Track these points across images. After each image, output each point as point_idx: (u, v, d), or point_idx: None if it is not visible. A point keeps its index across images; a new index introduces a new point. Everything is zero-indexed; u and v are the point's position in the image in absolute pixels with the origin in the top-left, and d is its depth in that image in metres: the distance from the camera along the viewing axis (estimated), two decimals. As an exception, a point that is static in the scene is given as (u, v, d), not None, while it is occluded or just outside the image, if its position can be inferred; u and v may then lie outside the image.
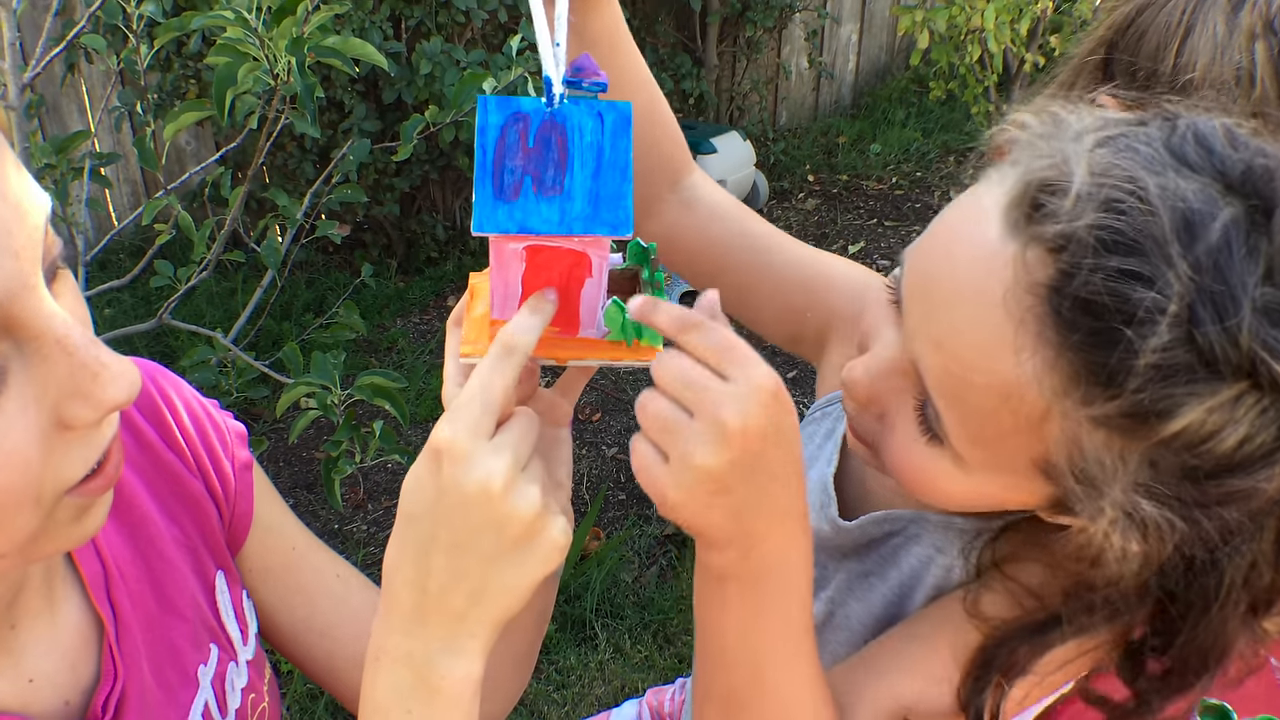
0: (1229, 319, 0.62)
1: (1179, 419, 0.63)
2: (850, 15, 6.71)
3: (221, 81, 1.81)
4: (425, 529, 0.70)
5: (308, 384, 1.99)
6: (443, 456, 0.69)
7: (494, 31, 4.39)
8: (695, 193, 1.09)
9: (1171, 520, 0.67)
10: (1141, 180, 0.66)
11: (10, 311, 0.58)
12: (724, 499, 0.71)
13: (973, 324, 0.70)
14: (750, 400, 0.69)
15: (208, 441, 0.95)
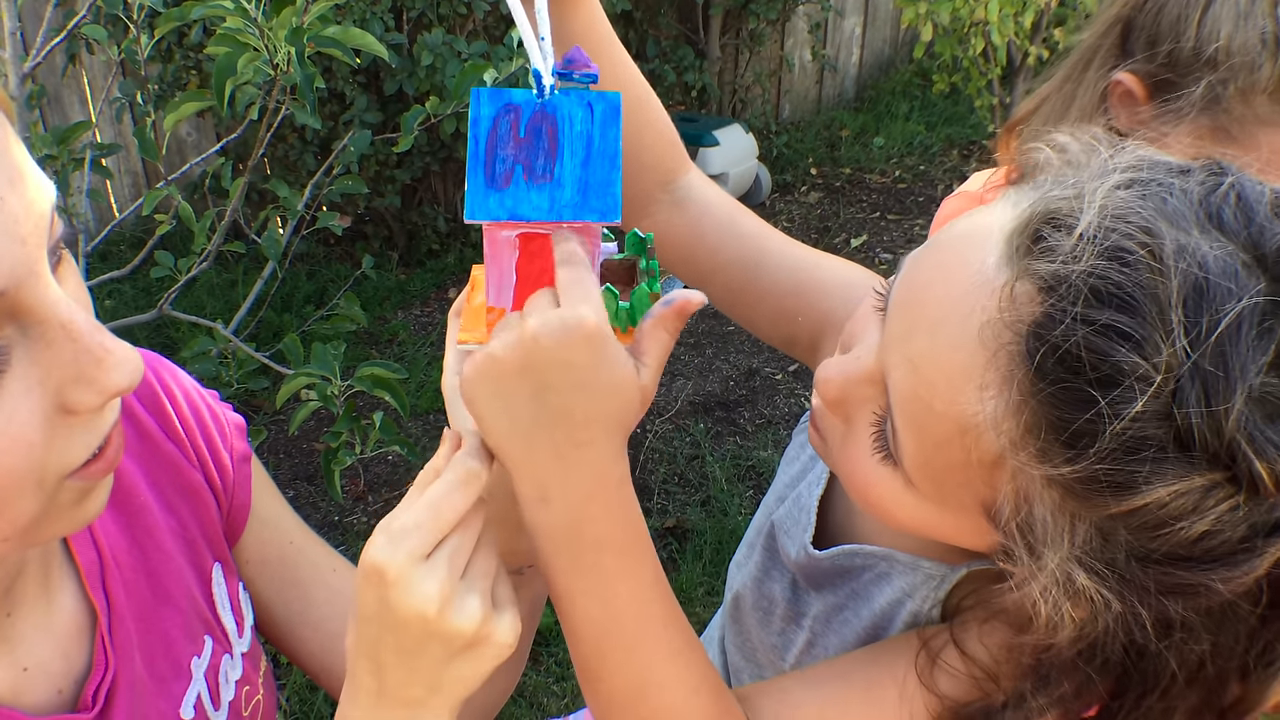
0: (1217, 403, 0.58)
1: (1139, 496, 0.60)
2: (854, 8, 6.70)
3: (221, 72, 1.81)
4: (374, 633, 0.71)
5: (308, 375, 1.98)
6: (381, 577, 0.69)
7: (496, 23, 4.38)
8: (689, 193, 1.08)
9: (1108, 599, 0.64)
10: (1158, 232, 0.61)
11: (16, 297, 0.58)
12: (502, 399, 0.70)
13: (947, 348, 0.67)
14: (556, 323, 0.68)
15: (207, 433, 0.95)
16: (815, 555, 0.99)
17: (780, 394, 4.06)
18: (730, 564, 1.17)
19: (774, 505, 1.09)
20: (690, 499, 3.47)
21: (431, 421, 3.85)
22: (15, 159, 0.59)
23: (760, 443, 3.74)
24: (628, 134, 0.91)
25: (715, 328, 4.52)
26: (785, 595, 1.06)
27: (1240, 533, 0.60)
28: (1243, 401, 0.58)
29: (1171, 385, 0.59)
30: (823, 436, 0.84)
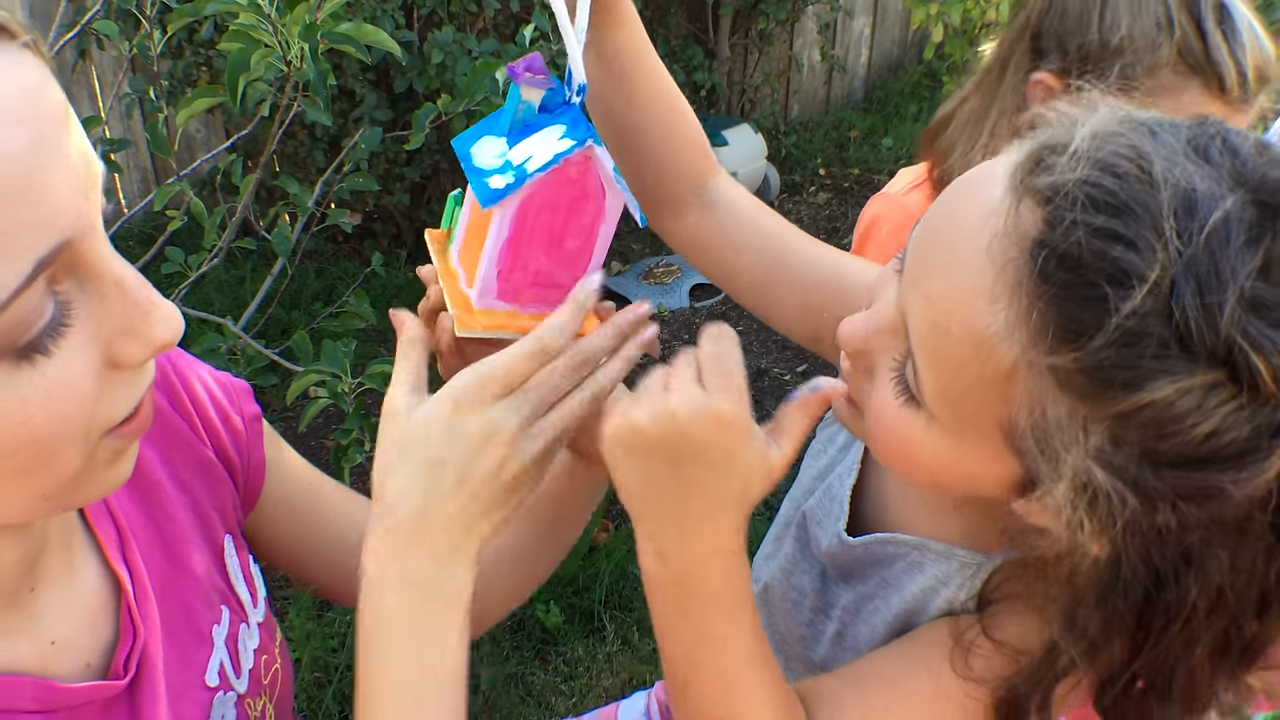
0: (1211, 301, 0.61)
1: (1144, 393, 0.62)
2: (863, 8, 6.69)
3: (235, 68, 1.81)
4: (439, 455, 0.78)
5: (318, 372, 1.99)
6: (473, 408, 0.78)
7: (506, 21, 4.38)
8: (716, 195, 1.12)
9: (1125, 501, 0.65)
10: (1147, 154, 0.66)
11: (78, 250, 0.62)
12: (639, 464, 0.77)
13: (960, 271, 0.71)
14: (700, 409, 0.74)
15: (218, 404, 0.97)
16: (849, 542, 1.01)
17: (788, 394, 4.05)
18: (756, 556, 1.19)
19: (801, 498, 1.11)
20: (698, 499, 3.47)
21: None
22: (74, 122, 0.63)
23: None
24: (661, 141, 1.05)
25: (723, 328, 4.52)
26: (814, 586, 1.08)
27: (1245, 433, 0.62)
28: (1235, 300, 0.61)
29: (1167, 284, 0.62)
30: (853, 400, 0.86)
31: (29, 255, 0.58)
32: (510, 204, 0.83)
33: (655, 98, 1.06)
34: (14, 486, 0.65)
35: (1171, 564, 0.69)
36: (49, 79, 0.63)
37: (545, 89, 0.85)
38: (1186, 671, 0.73)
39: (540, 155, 0.82)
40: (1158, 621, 0.72)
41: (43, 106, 0.60)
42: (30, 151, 0.58)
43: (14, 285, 0.58)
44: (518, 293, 0.88)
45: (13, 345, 0.59)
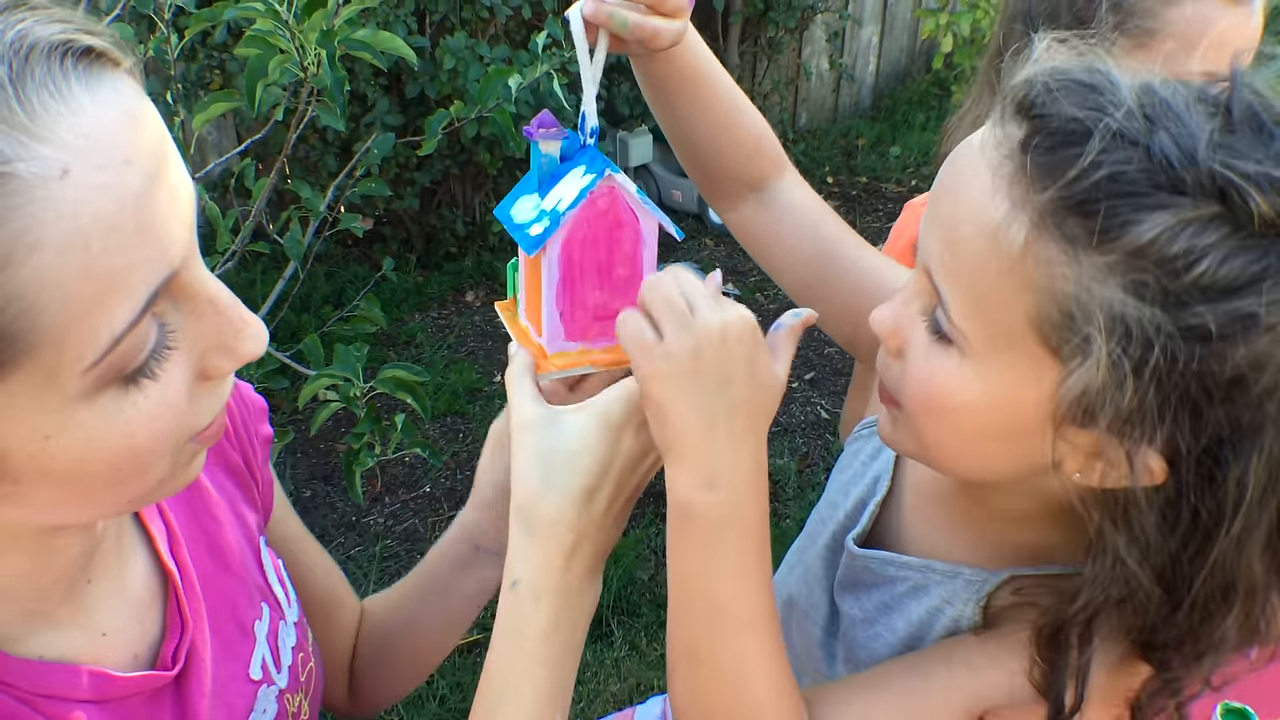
0: (1185, 144, 0.67)
1: (1143, 228, 0.66)
2: (872, 17, 6.70)
3: (253, 73, 1.82)
4: (594, 483, 0.83)
5: (330, 376, 1.99)
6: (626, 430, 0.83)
7: (518, 28, 4.39)
8: (775, 195, 1.16)
9: (1160, 332, 0.67)
10: (1105, 66, 0.74)
11: (181, 276, 0.63)
12: (691, 391, 0.79)
13: (963, 188, 0.76)
14: (740, 322, 0.80)
15: (243, 415, 1.00)
16: (853, 551, 1.02)
17: (796, 402, 4.06)
18: (779, 569, 1.20)
19: (826, 511, 1.11)
20: (705, 505, 3.47)
21: (449, 424, 3.85)
22: (173, 148, 0.64)
23: (776, 450, 3.74)
24: (711, 150, 1.12)
25: (731, 335, 4.52)
26: (828, 603, 1.07)
27: (1255, 257, 0.66)
28: (1206, 142, 0.67)
29: (1144, 133, 0.68)
30: (886, 390, 0.88)
31: (142, 291, 0.60)
32: (553, 246, 0.88)
33: (705, 115, 1.11)
34: (106, 495, 0.67)
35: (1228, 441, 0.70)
36: (150, 107, 0.63)
37: (561, 140, 0.91)
38: (1244, 571, 0.73)
39: (568, 195, 0.88)
40: (1210, 521, 0.72)
41: (147, 140, 0.61)
42: (140, 190, 0.59)
43: (128, 321, 0.59)
44: (584, 331, 0.94)
45: (121, 373, 0.61)
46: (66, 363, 0.58)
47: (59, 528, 0.73)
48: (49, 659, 0.75)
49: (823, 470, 3.66)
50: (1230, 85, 0.71)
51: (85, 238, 0.56)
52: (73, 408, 0.60)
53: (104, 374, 0.60)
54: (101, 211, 0.57)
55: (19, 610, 0.74)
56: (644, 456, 0.85)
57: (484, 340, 4.38)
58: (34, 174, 0.54)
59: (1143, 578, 0.74)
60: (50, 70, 0.57)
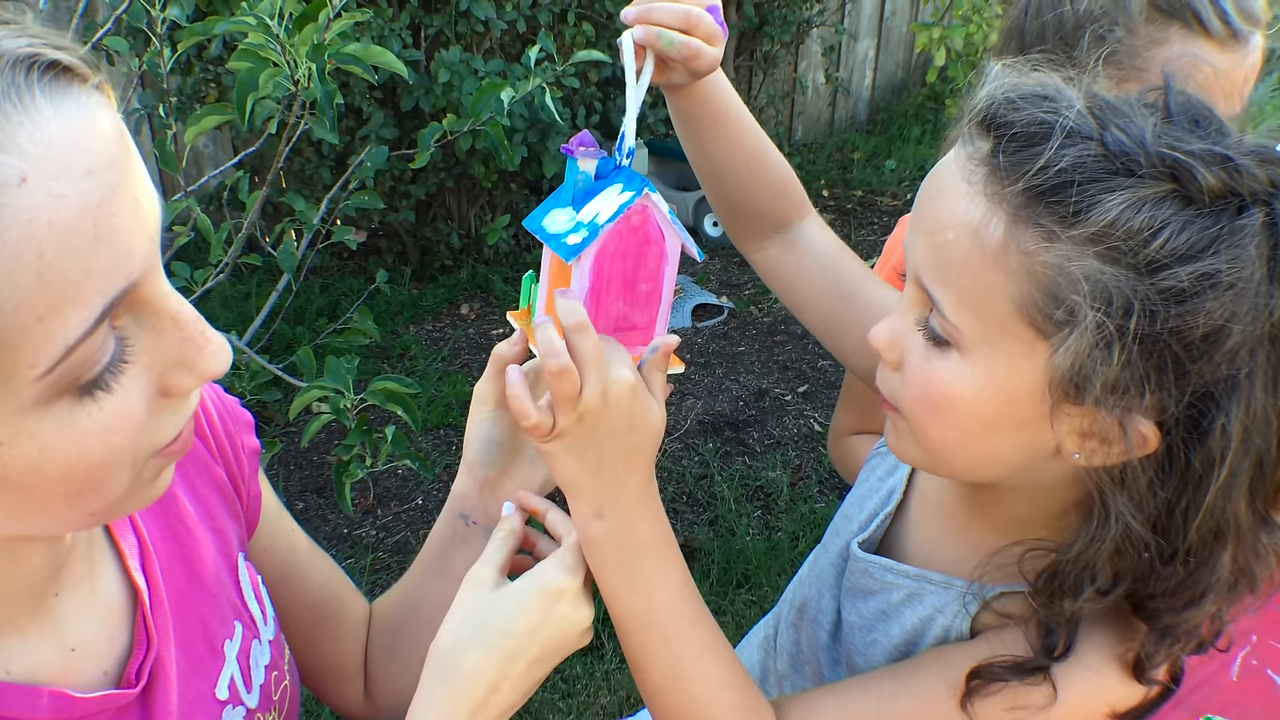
0: (1132, 129, 0.75)
1: (1106, 207, 0.73)
2: (867, 31, 6.72)
3: (243, 87, 1.83)
4: (522, 645, 0.88)
5: (321, 388, 1.99)
6: (562, 596, 0.90)
7: (512, 41, 4.41)
8: (799, 236, 1.23)
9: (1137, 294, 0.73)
10: (1054, 80, 0.82)
11: (141, 289, 0.64)
12: (575, 453, 0.89)
13: (943, 198, 0.83)
14: (617, 388, 0.87)
15: (227, 428, 1.00)
16: (855, 555, 1.06)
17: (789, 415, 4.07)
18: (794, 579, 1.28)
19: (840, 523, 1.14)
20: (698, 518, 3.48)
21: (442, 436, 3.86)
22: (139, 163, 0.65)
23: (769, 463, 3.74)
24: (738, 186, 1.20)
25: (725, 348, 4.53)
26: (834, 611, 1.11)
27: (1209, 225, 0.73)
28: (1152, 132, 0.75)
29: (1095, 127, 0.76)
30: (891, 400, 0.92)
31: (97, 301, 0.60)
32: (587, 257, 0.92)
33: (735, 154, 1.17)
34: (65, 507, 0.67)
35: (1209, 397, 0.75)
36: (117, 122, 0.64)
37: (598, 158, 0.96)
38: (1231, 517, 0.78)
39: (606, 210, 0.93)
40: (1201, 472, 0.77)
41: (112, 153, 0.62)
42: (100, 201, 0.60)
43: (82, 330, 0.59)
44: None
45: (75, 383, 0.61)
46: (20, 369, 0.58)
47: (22, 538, 0.73)
48: (14, 674, 0.75)
49: (815, 483, 3.66)
50: (1165, 89, 0.80)
51: (40, 245, 0.56)
52: (26, 415, 0.60)
53: (58, 382, 0.60)
54: (58, 220, 0.57)
55: None
56: (575, 626, 0.91)
57: (478, 353, 4.39)
58: None
59: (1138, 528, 0.80)
60: (14, 81, 0.58)
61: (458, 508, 1.08)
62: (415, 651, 1.09)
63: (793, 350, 4.50)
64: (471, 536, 1.08)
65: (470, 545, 1.07)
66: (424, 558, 1.12)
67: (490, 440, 1.05)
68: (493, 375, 1.03)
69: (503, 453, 1.06)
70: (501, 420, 1.05)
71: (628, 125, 0.97)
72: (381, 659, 1.16)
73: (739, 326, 4.70)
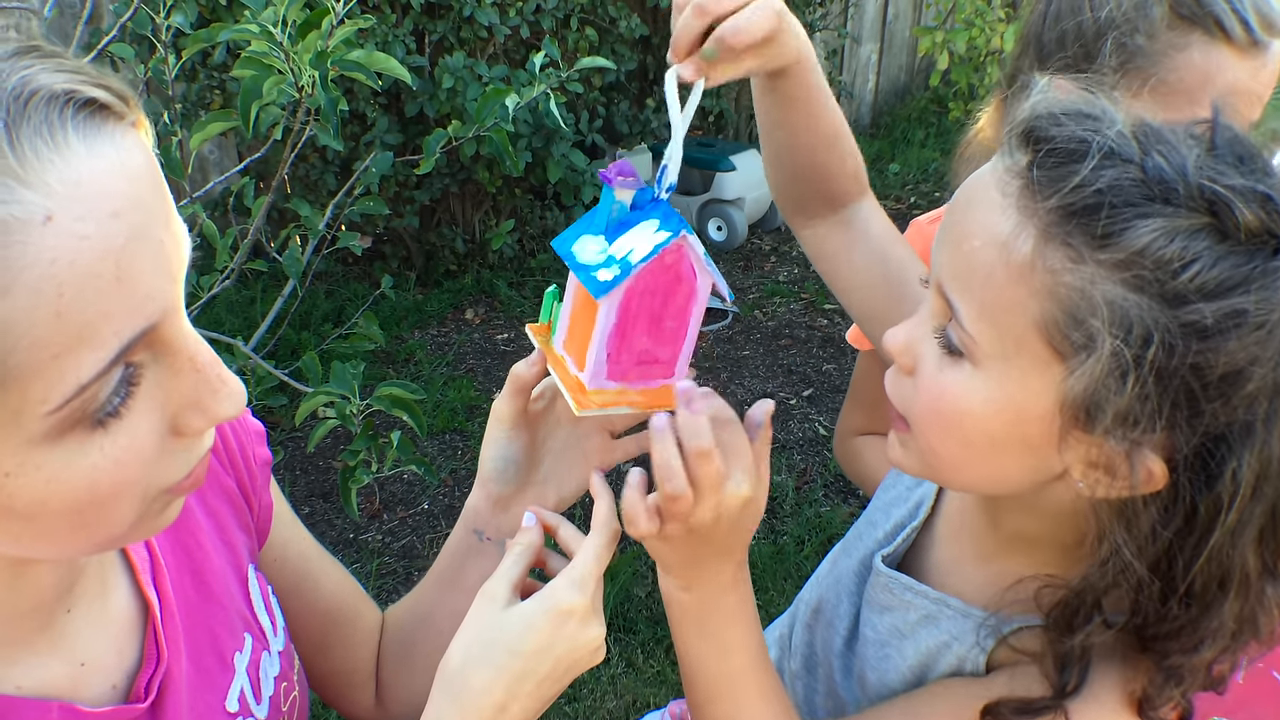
0: (1174, 160, 0.73)
1: (1139, 234, 0.71)
2: (870, 35, 6.73)
3: (247, 94, 1.83)
4: (531, 665, 0.87)
5: (327, 393, 2.00)
6: (571, 616, 0.88)
7: (516, 47, 4.42)
8: (853, 217, 1.23)
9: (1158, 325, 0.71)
10: (1102, 100, 0.80)
11: (160, 329, 0.64)
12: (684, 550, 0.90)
13: (975, 207, 0.82)
14: (735, 505, 0.86)
15: (239, 439, 1.00)
16: (878, 569, 1.06)
17: (794, 419, 4.07)
18: (812, 577, 1.27)
19: (865, 529, 1.14)
20: (703, 522, 3.47)
21: (447, 441, 3.86)
22: (169, 203, 0.65)
23: (774, 467, 3.74)
24: (826, 157, 1.19)
25: (730, 353, 4.54)
26: (851, 618, 1.11)
27: (1243, 261, 0.71)
28: (1194, 163, 0.73)
29: (1137, 151, 0.74)
30: (900, 408, 0.91)
31: (113, 342, 0.60)
32: (617, 294, 0.91)
33: (817, 130, 1.17)
34: (69, 538, 0.67)
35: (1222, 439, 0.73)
36: (149, 159, 0.64)
37: (635, 189, 0.93)
38: (1238, 565, 0.77)
39: (641, 248, 0.91)
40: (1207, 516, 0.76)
41: (140, 194, 0.62)
42: (124, 244, 0.60)
43: (96, 370, 0.60)
44: (624, 373, 0.96)
45: (86, 416, 0.61)
46: (30, 403, 0.58)
47: (31, 560, 0.73)
48: (25, 690, 0.75)
49: (820, 487, 3.66)
50: (1212, 121, 0.78)
51: (60, 285, 0.57)
52: (33, 448, 0.60)
53: (68, 418, 0.60)
54: (80, 261, 0.57)
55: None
56: (586, 645, 0.90)
57: (483, 358, 4.39)
58: (16, 218, 0.55)
59: (1139, 568, 0.78)
60: (48, 118, 0.58)
61: (471, 523, 1.08)
62: (426, 661, 1.09)
63: (797, 354, 4.50)
64: (485, 550, 1.08)
65: (484, 559, 1.07)
66: (437, 569, 1.12)
67: (506, 459, 1.04)
68: (510, 394, 1.02)
69: (518, 471, 1.05)
70: (518, 439, 1.04)
71: (672, 159, 0.94)
72: (393, 667, 1.16)
73: (743, 331, 4.70)
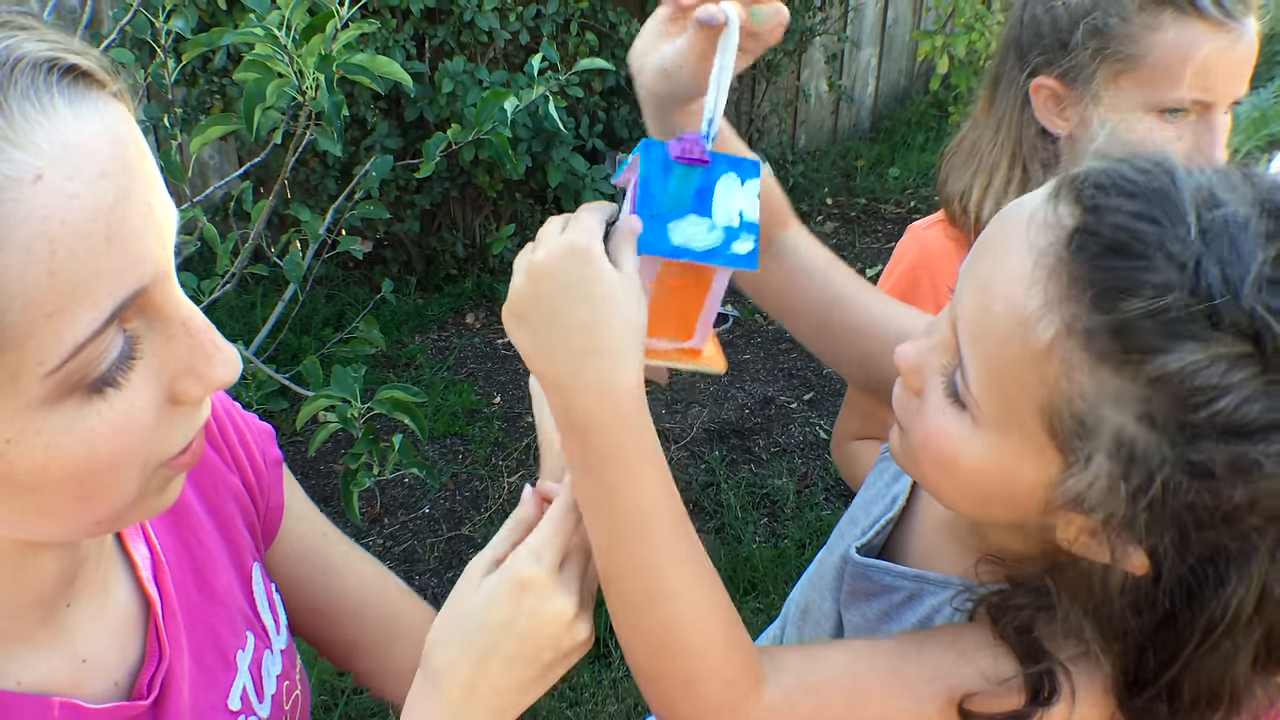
0: (1232, 276, 0.66)
1: (1172, 358, 0.66)
2: (870, 39, 6.74)
3: (251, 98, 1.83)
4: (493, 641, 0.83)
5: (328, 397, 2.00)
6: (528, 588, 0.83)
7: (515, 51, 4.42)
8: (784, 247, 1.17)
9: (1162, 462, 0.68)
10: (1169, 159, 0.72)
11: (152, 295, 0.64)
12: (526, 325, 0.80)
13: (1005, 261, 0.76)
14: (556, 248, 0.78)
15: (243, 439, 1.00)
16: (853, 559, 1.05)
17: (795, 423, 4.07)
18: (800, 580, 1.26)
19: (846, 526, 1.15)
20: (704, 526, 3.48)
21: (448, 445, 3.86)
22: (155, 172, 0.66)
23: (775, 471, 3.74)
24: None
25: (730, 356, 4.53)
26: (835, 614, 1.12)
27: (1275, 403, 0.65)
28: (1255, 278, 0.65)
29: (1192, 259, 0.66)
30: (900, 420, 0.90)
31: (107, 302, 0.61)
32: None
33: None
34: (71, 511, 0.67)
35: (1212, 566, 0.71)
36: (134, 129, 0.65)
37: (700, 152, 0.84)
38: (1230, 677, 0.76)
39: (748, 205, 0.86)
40: (1201, 630, 0.74)
41: (128, 158, 0.63)
42: (113, 204, 0.60)
43: (91, 330, 0.60)
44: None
45: (84, 380, 0.62)
46: (27, 366, 0.59)
47: (34, 545, 0.73)
48: (25, 685, 0.75)
49: (821, 490, 3.66)
50: None
51: (52, 243, 0.57)
52: (33, 413, 0.61)
53: (65, 380, 0.61)
54: (71, 219, 0.58)
55: None
56: (552, 620, 0.84)
57: (483, 362, 4.40)
58: (6, 176, 0.56)
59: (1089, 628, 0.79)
60: (34, 83, 0.59)
61: None
62: None
63: (798, 358, 4.50)
64: None
65: None
66: None
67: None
68: None
69: None
70: None
71: (719, 100, 0.84)
72: None
73: (744, 335, 4.70)
